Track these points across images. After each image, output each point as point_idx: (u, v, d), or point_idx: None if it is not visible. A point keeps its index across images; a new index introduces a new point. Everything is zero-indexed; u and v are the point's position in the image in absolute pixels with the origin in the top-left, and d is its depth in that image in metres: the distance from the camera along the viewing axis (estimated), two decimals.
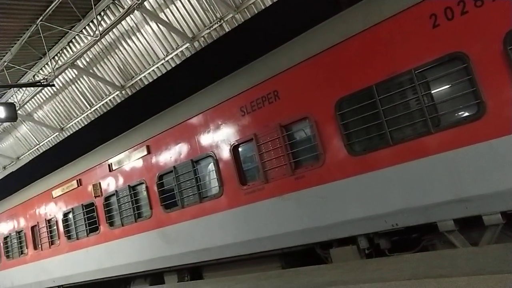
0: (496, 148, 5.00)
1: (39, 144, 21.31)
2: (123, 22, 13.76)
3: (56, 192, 12.86)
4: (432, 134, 5.48)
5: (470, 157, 5.19)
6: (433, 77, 5.52)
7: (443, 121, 5.46)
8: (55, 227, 12.96)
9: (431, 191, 5.51)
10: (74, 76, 17.05)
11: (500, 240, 5.18)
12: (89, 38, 13.94)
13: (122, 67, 15.51)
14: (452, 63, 5.38)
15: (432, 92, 5.57)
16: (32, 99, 18.66)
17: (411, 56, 5.67)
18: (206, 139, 8.48)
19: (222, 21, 12.61)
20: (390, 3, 5.98)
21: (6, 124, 20.22)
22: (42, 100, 18.91)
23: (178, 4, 12.88)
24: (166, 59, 14.43)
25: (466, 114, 5.32)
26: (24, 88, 17.44)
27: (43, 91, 18.12)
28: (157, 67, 14.87)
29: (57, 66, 15.38)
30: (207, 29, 13.00)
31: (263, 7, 11.94)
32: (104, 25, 13.51)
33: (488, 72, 5.08)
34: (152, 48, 14.43)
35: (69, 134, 19.75)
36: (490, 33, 5.07)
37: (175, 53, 14.14)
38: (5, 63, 15.04)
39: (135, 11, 12.66)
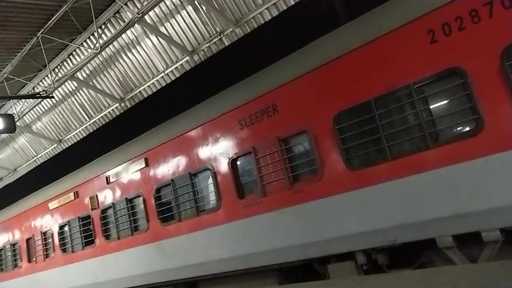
0: (494, 163, 4.98)
1: (37, 156, 21.28)
2: (123, 35, 13.88)
3: (52, 204, 12.77)
4: (430, 149, 5.47)
5: (468, 172, 5.16)
6: (432, 92, 5.54)
7: (442, 136, 5.46)
8: (50, 240, 12.84)
9: (429, 206, 5.47)
10: (73, 88, 17.13)
11: (499, 257, 5.12)
12: (89, 50, 14.03)
13: (121, 79, 15.59)
14: (450, 79, 5.40)
15: (431, 107, 5.57)
16: (31, 111, 18.70)
17: (410, 71, 5.69)
18: (204, 152, 8.46)
19: (222, 35, 12.72)
20: (388, 19, 6.03)
21: (4, 135, 20.21)
22: (41, 112, 18.94)
23: (178, 18, 13.01)
24: (166, 72, 14.52)
25: (464, 129, 5.32)
26: (23, 100, 17.47)
27: (42, 102, 18.17)
28: (157, 80, 14.95)
29: (57, 78, 15.44)
30: (207, 42, 13.11)
31: (262, 22, 12.07)
32: (105, 38, 13.62)
33: (486, 87, 5.09)
34: (152, 61, 14.53)
35: (67, 146, 19.73)
36: (488, 49, 5.09)
37: (174, 66, 14.23)
38: (5, 75, 15.10)
39: (136, 24, 12.78)
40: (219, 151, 8.17)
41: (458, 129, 5.39)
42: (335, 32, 6.95)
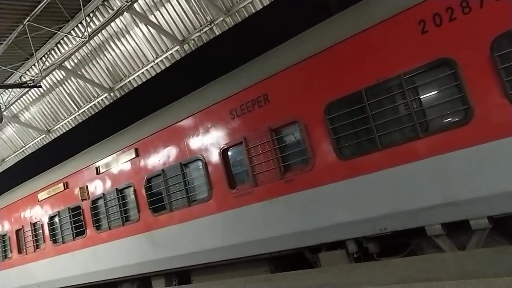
0: (483, 153, 5.05)
1: (25, 146, 21.03)
2: (112, 24, 13.69)
3: (42, 195, 12.66)
4: (420, 138, 5.53)
5: (457, 161, 5.23)
6: (422, 82, 5.58)
7: (432, 126, 5.51)
8: (40, 231, 12.76)
9: (419, 195, 5.54)
10: (62, 77, 16.89)
11: (487, 245, 5.23)
12: (77, 39, 13.81)
13: (111, 69, 15.41)
14: (440, 69, 5.43)
15: (421, 97, 5.61)
16: (19, 101, 18.43)
17: (400, 61, 5.72)
18: (195, 142, 8.43)
19: (213, 24, 12.63)
20: (379, 9, 6.03)
21: None
22: (28, 102, 18.68)
23: (168, 6, 12.85)
24: (156, 61, 14.39)
25: (454, 119, 5.38)
26: (10, 89, 17.20)
27: (30, 92, 17.91)
28: (147, 69, 14.81)
29: (44, 67, 15.22)
30: (197, 32, 13.00)
31: (253, 11, 11.99)
32: (93, 27, 13.42)
33: (476, 77, 5.14)
34: (141, 50, 14.37)
35: (56, 136, 19.53)
36: (478, 39, 5.13)
37: (164, 55, 14.10)
38: None
39: (125, 12, 12.61)
40: (210, 141, 8.15)
41: (448, 119, 5.44)
42: (326, 21, 6.93)
